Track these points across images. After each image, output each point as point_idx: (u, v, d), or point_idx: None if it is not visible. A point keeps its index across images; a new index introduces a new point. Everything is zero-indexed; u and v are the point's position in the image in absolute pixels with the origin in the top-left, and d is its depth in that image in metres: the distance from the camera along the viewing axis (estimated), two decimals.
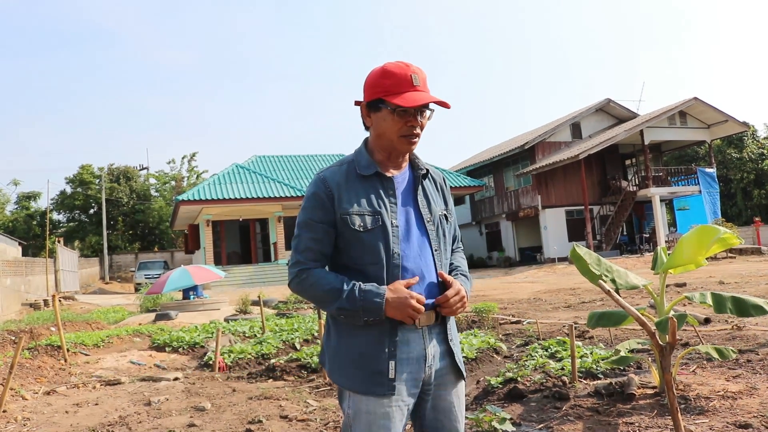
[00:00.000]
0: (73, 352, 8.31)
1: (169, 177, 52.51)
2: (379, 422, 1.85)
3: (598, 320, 4.31)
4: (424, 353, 1.93)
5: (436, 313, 1.96)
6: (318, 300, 1.94)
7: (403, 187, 2.02)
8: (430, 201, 2.05)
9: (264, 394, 5.63)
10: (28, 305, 19.44)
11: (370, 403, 1.87)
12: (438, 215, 2.04)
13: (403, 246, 1.94)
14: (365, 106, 2.00)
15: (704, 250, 3.95)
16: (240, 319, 11.73)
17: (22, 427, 4.87)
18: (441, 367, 1.98)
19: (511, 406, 4.27)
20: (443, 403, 1.99)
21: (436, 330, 1.98)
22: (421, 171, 2.06)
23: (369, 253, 1.91)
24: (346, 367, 1.92)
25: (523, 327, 8.49)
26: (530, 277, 22.85)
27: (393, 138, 1.96)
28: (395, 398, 1.87)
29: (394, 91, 1.91)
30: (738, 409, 3.64)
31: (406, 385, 1.90)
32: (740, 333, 6.27)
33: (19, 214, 47.04)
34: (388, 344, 1.88)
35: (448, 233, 2.07)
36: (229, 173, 29.49)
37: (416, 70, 1.94)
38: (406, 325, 1.90)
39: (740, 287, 11.73)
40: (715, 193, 30.75)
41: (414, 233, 1.97)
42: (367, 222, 1.91)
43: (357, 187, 1.96)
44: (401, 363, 1.89)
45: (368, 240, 1.91)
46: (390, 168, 2.02)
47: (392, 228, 1.93)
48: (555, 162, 28.68)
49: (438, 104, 1.96)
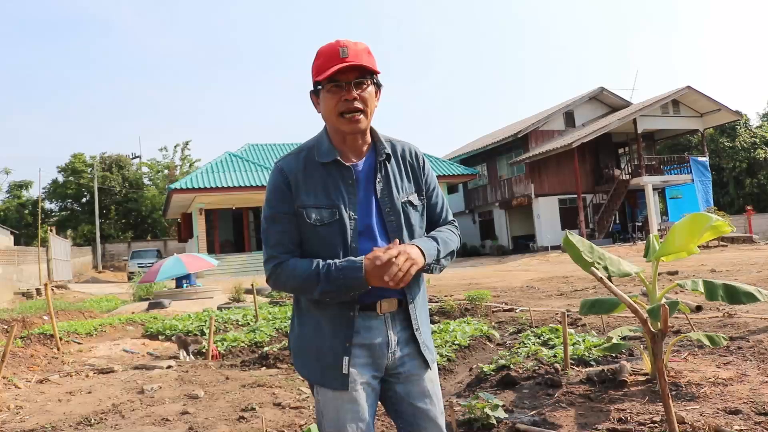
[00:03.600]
0: (65, 341, 8.30)
1: (161, 165, 52.28)
2: (346, 407, 1.86)
3: (590, 308, 4.33)
4: (386, 339, 1.91)
5: (399, 301, 1.93)
6: (299, 289, 1.89)
7: (364, 175, 1.94)
8: (392, 189, 1.94)
9: (257, 381, 5.64)
10: (20, 294, 19.38)
11: (335, 391, 1.88)
12: (401, 203, 1.94)
13: (361, 240, 1.88)
14: (313, 95, 1.96)
15: (696, 237, 3.95)
16: (233, 307, 11.74)
17: (14, 415, 4.86)
18: (405, 354, 1.95)
19: (504, 393, 4.28)
20: (416, 389, 1.96)
21: (400, 317, 1.94)
22: (380, 157, 1.95)
23: (326, 248, 1.86)
24: (306, 359, 1.94)
25: (515, 315, 8.52)
26: (523, 265, 22.92)
27: (333, 118, 1.88)
28: (359, 382, 1.88)
29: (323, 68, 1.84)
30: (728, 395, 3.67)
31: (367, 368, 1.90)
32: (731, 320, 6.31)
33: (10, 203, 46.77)
34: (344, 337, 1.87)
35: (416, 220, 1.98)
36: (222, 162, 29.34)
37: (346, 44, 1.85)
38: (367, 312, 1.89)
39: (732, 275, 11.80)
40: (707, 182, 30.84)
41: (373, 227, 1.91)
42: (324, 216, 1.86)
43: (315, 176, 1.90)
44: (361, 348, 1.89)
45: (325, 234, 1.86)
46: (350, 155, 1.93)
47: (350, 221, 1.87)
48: (548, 150, 28.70)
49: (358, 67, 1.84)
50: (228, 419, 4.48)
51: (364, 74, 1.87)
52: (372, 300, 1.89)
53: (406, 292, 1.93)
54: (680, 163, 31.41)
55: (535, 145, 30.98)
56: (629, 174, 29.74)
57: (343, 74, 1.83)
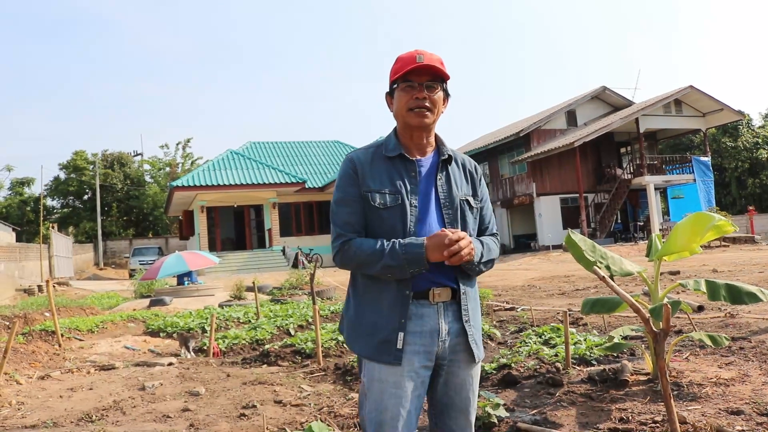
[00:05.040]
0: (67, 338, 8.30)
1: (163, 163, 52.29)
2: (390, 390, 1.95)
3: (592, 307, 4.32)
4: (437, 327, 2.00)
5: (452, 291, 2.03)
6: (363, 264, 2.01)
7: (426, 170, 2.10)
8: (452, 186, 2.10)
9: (258, 379, 5.64)
10: (22, 291, 19.39)
11: (382, 372, 1.97)
12: (459, 200, 2.09)
13: (419, 226, 2.02)
14: (388, 95, 2.16)
15: (699, 237, 3.95)
16: (234, 305, 11.73)
17: (16, 411, 4.86)
18: (454, 344, 2.04)
19: (505, 391, 4.28)
20: (455, 380, 2.06)
21: (453, 308, 2.04)
22: (442, 156, 2.12)
23: (386, 230, 2.01)
24: (361, 336, 2.05)
25: (517, 314, 8.51)
26: (524, 264, 22.90)
27: (403, 113, 2.06)
28: (406, 368, 1.96)
29: (400, 71, 2.05)
30: (730, 395, 3.66)
31: (418, 356, 1.98)
32: (733, 320, 6.30)
33: (12, 200, 46.78)
34: (399, 316, 1.98)
35: (470, 219, 2.12)
36: (223, 159, 29.36)
37: (422, 52, 2.04)
38: (421, 300, 1.99)
39: (734, 275, 11.78)
40: (709, 182, 30.77)
41: (432, 216, 2.05)
42: (387, 200, 2.02)
43: (381, 167, 2.07)
44: (413, 335, 1.98)
45: (387, 217, 2.01)
46: (414, 152, 2.11)
47: (411, 208, 2.02)
48: (550, 149, 28.65)
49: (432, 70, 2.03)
50: (229, 416, 4.48)
51: (435, 79, 2.06)
52: (426, 287, 2.00)
53: (459, 282, 2.04)
54: (682, 163, 31.34)
55: (536, 144, 30.94)
56: (631, 173, 29.69)
57: (417, 76, 2.04)
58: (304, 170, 33.02)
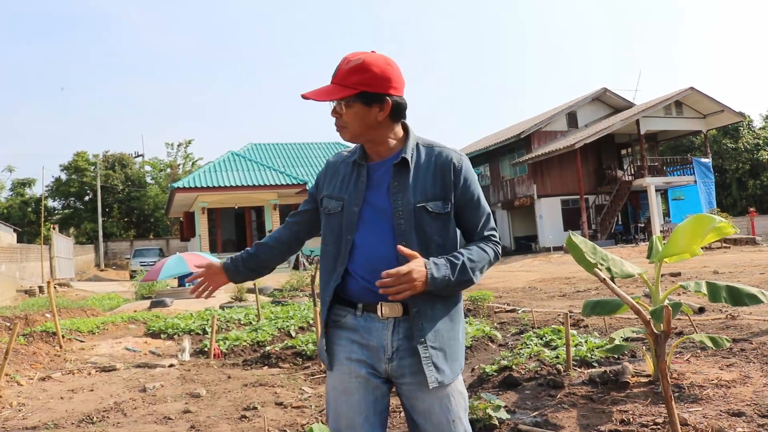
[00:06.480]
0: (68, 339, 8.30)
1: (164, 164, 52.34)
2: (341, 397, 1.93)
3: (593, 309, 4.32)
4: (383, 343, 1.90)
5: (404, 306, 1.88)
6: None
7: (379, 176, 1.96)
8: (408, 192, 1.90)
9: (259, 381, 5.64)
10: (23, 292, 19.41)
11: (332, 378, 1.97)
12: (411, 206, 1.89)
13: (357, 234, 1.92)
14: None
15: (699, 239, 3.95)
16: (235, 306, 11.73)
17: (17, 412, 4.87)
18: (407, 365, 1.89)
19: (506, 393, 4.28)
20: (421, 405, 1.90)
21: (405, 325, 1.89)
22: (395, 160, 1.94)
23: (334, 237, 1.99)
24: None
25: (518, 315, 8.51)
26: (525, 266, 22.90)
27: None
28: (353, 375, 1.91)
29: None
30: (731, 397, 3.66)
31: (361, 365, 1.92)
32: (734, 322, 6.30)
33: (14, 200, 46.85)
34: (325, 321, 1.99)
35: (431, 227, 1.91)
36: (224, 161, 29.36)
37: (348, 59, 1.89)
38: (371, 313, 1.92)
39: (734, 277, 11.77)
40: (710, 183, 30.77)
41: (379, 225, 1.92)
42: (332, 206, 2.00)
43: (341, 173, 2.04)
44: (358, 346, 1.93)
45: (333, 224, 1.99)
46: (374, 158, 2.00)
47: (351, 215, 1.94)
48: (551, 151, 28.66)
49: (317, 99, 1.90)
50: (230, 418, 4.49)
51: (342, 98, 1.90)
52: (374, 300, 1.89)
53: (408, 301, 1.86)
54: (683, 165, 31.36)
55: (537, 145, 30.96)
56: (632, 175, 29.71)
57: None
58: (305, 172, 33.02)
